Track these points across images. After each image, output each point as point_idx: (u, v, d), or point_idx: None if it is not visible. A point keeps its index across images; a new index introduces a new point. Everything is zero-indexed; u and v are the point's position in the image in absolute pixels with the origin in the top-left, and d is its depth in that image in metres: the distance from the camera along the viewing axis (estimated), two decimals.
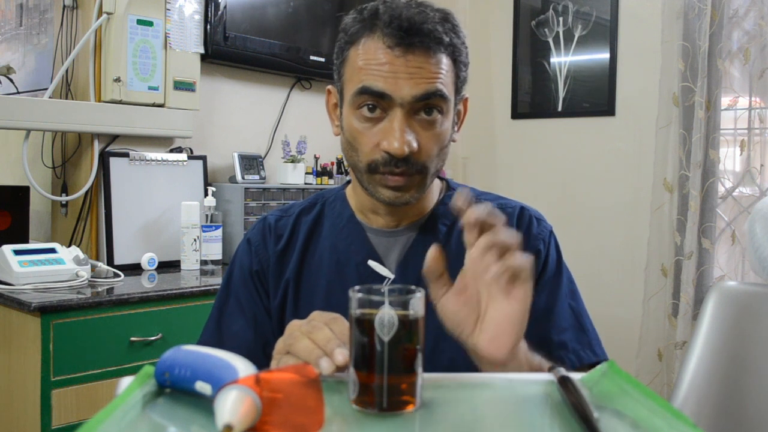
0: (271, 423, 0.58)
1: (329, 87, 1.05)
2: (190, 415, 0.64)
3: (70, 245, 2.12)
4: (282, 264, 1.07)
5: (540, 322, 1.00)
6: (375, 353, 0.65)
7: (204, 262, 2.28)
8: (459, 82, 0.99)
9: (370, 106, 0.94)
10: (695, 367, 1.30)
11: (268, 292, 1.07)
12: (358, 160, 0.98)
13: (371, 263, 1.01)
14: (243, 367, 0.63)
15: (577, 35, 2.99)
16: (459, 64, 0.98)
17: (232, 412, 0.56)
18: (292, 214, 1.11)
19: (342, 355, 0.69)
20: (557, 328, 1.01)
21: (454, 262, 1.02)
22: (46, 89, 2.20)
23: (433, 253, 0.79)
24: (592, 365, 0.90)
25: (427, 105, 0.93)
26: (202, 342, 1.07)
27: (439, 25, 0.94)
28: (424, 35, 0.92)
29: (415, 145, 0.93)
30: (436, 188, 1.08)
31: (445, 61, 0.95)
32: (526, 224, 1.07)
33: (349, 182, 1.11)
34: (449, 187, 1.10)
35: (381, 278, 1.00)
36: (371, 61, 0.93)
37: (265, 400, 0.59)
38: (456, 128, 1.03)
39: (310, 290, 1.04)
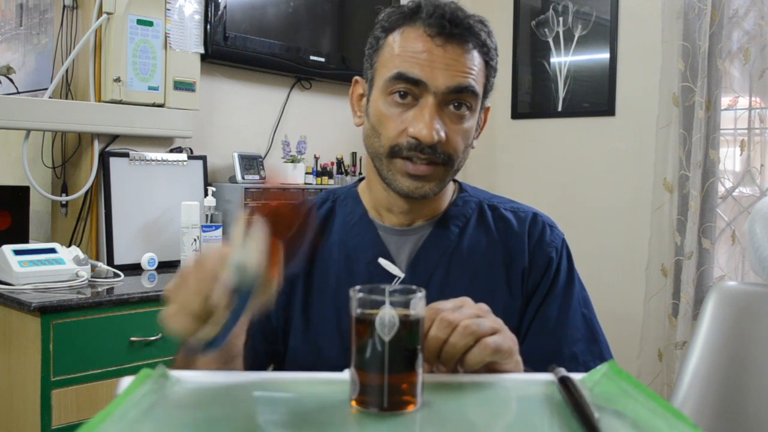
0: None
1: (356, 78, 1.06)
2: (190, 415, 0.64)
3: (70, 245, 2.12)
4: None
5: (551, 334, 1.00)
6: (376, 353, 0.65)
7: None
8: (488, 86, 1.01)
9: (403, 92, 0.95)
10: (695, 367, 1.30)
11: None
12: (379, 145, 0.98)
13: (381, 261, 1.01)
14: None
15: (577, 35, 2.99)
16: (490, 67, 1.00)
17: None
18: None
19: None
20: (569, 340, 1.01)
21: (464, 265, 1.03)
22: (46, 89, 2.20)
23: None
24: None
25: (457, 99, 0.95)
26: None
27: (479, 24, 0.97)
28: (464, 28, 0.95)
29: (443, 134, 0.95)
30: (449, 189, 1.08)
31: (478, 60, 0.97)
32: (539, 231, 1.06)
33: (360, 180, 1.11)
34: (462, 189, 1.11)
35: (390, 276, 1.00)
36: (409, 47, 0.95)
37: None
38: (475, 134, 1.04)
39: (319, 286, 1.04)
